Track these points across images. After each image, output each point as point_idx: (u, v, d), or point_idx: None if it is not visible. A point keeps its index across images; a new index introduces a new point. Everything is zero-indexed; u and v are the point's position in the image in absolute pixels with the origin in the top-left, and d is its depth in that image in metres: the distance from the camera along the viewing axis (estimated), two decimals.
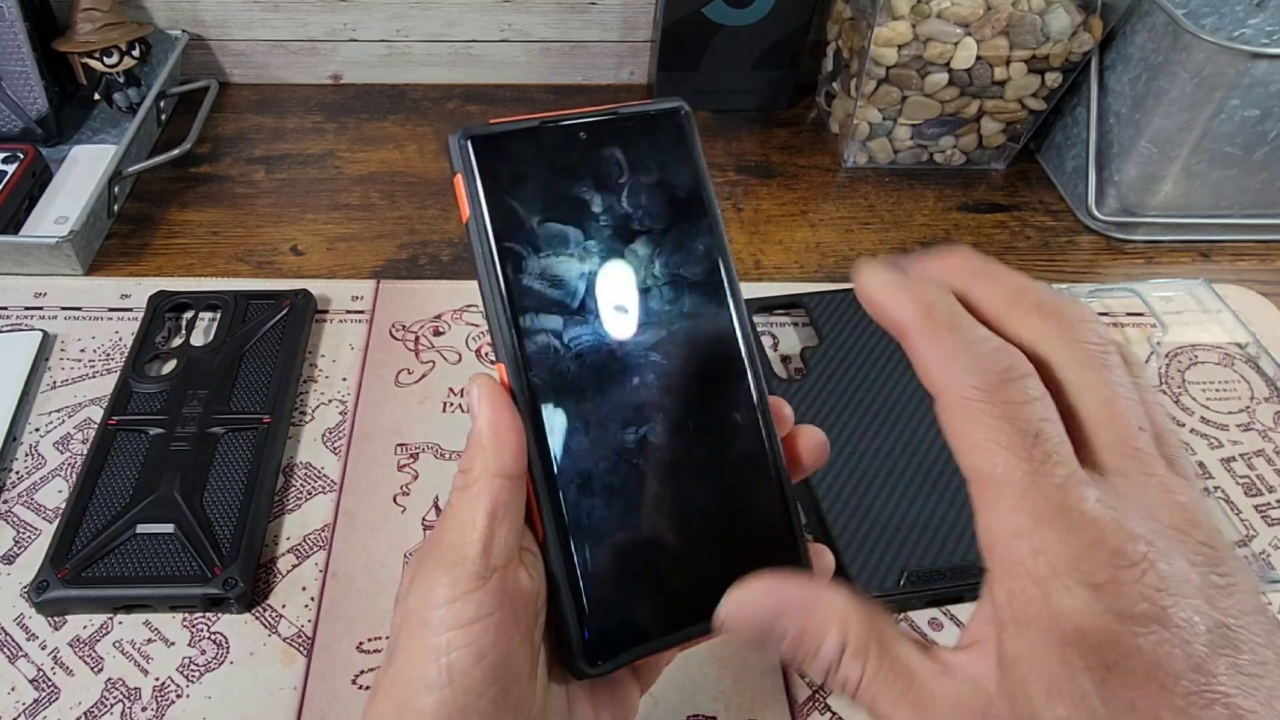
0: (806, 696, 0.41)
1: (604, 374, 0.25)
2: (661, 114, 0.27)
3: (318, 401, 0.53)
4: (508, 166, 0.25)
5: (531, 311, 0.25)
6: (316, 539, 0.46)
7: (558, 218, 0.25)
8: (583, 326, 0.25)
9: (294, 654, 0.42)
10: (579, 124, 0.26)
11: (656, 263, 0.26)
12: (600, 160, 0.26)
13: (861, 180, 0.71)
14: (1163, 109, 0.61)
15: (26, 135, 0.68)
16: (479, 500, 0.24)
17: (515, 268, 0.25)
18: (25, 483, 0.48)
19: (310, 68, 0.79)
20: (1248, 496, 0.50)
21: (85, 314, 0.57)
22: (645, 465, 0.26)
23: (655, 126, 0.27)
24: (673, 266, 0.26)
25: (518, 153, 0.25)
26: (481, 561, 0.23)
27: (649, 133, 0.27)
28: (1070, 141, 0.70)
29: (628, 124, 0.26)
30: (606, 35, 0.78)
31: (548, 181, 0.25)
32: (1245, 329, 0.59)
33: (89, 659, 0.41)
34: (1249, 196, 0.65)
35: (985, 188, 0.72)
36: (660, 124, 0.27)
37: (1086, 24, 0.63)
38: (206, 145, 0.72)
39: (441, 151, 0.73)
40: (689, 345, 0.26)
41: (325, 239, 0.64)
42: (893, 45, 0.63)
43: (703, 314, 0.27)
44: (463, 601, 0.23)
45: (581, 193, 0.26)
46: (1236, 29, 0.67)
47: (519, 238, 0.25)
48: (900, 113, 0.68)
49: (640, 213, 0.26)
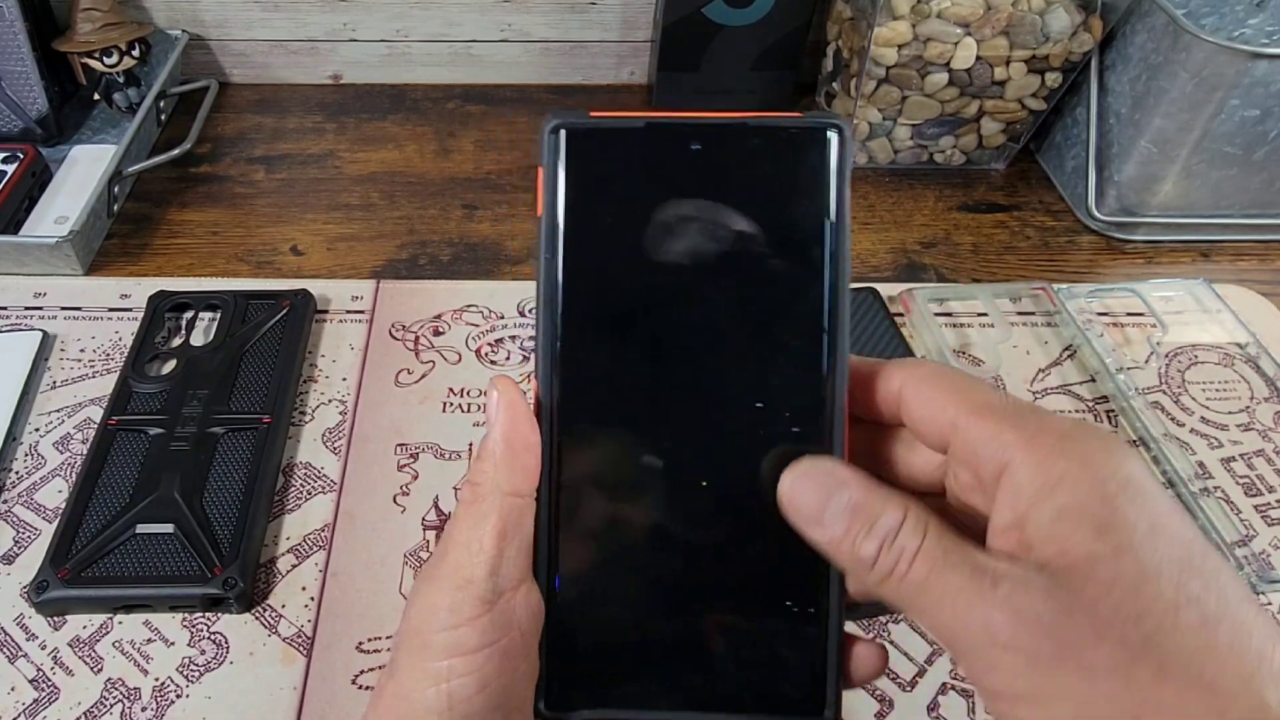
0: None
1: (646, 420, 0.22)
2: (802, 132, 0.22)
3: (318, 401, 0.53)
4: (597, 168, 0.22)
5: (583, 330, 0.22)
6: (316, 539, 0.46)
7: (641, 235, 0.22)
8: (638, 362, 0.22)
9: (294, 654, 0.42)
10: (693, 128, 0.22)
11: (746, 313, 0.22)
12: (707, 176, 0.22)
13: (861, 180, 0.71)
14: (1163, 109, 0.61)
15: (26, 135, 0.68)
16: (487, 519, 0.22)
17: (577, 280, 0.22)
18: (25, 483, 0.48)
19: (310, 68, 0.79)
20: (1248, 496, 0.50)
21: (85, 314, 0.57)
22: (658, 536, 0.23)
23: (790, 146, 0.22)
24: (764, 323, 0.22)
25: (613, 154, 0.22)
26: (488, 584, 0.22)
27: (780, 152, 0.22)
28: (1070, 141, 0.70)
29: (755, 137, 0.22)
30: (606, 35, 0.78)
31: (639, 192, 0.22)
32: (1245, 329, 0.59)
33: (89, 659, 0.41)
34: (1249, 196, 0.65)
35: (985, 188, 0.72)
36: (797, 144, 0.22)
37: (1086, 24, 0.63)
38: (206, 145, 0.72)
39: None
40: (755, 424, 0.22)
41: (325, 239, 0.64)
42: (893, 45, 0.63)
43: (787, 391, 0.22)
44: (467, 628, 0.22)
45: (675, 211, 0.22)
46: (1236, 29, 0.67)
47: (590, 249, 0.22)
48: (900, 113, 0.68)
49: (740, 250, 0.22)
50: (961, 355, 0.57)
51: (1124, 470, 0.19)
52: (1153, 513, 0.19)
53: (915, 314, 0.58)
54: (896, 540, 0.20)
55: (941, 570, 0.20)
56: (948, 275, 0.64)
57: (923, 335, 0.57)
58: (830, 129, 0.22)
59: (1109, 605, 0.18)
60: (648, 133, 0.22)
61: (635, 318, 0.22)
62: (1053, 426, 0.20)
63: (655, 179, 0.22)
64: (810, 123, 0.22)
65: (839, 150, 0.22)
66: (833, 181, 0.22)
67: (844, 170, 0.22)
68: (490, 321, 0.58)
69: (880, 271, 0.64)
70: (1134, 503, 0.19)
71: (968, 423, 0.21)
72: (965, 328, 0.59)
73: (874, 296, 0.58)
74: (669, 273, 0.22)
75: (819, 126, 0.22)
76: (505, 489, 0.23)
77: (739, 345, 0.22)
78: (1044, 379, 0.56)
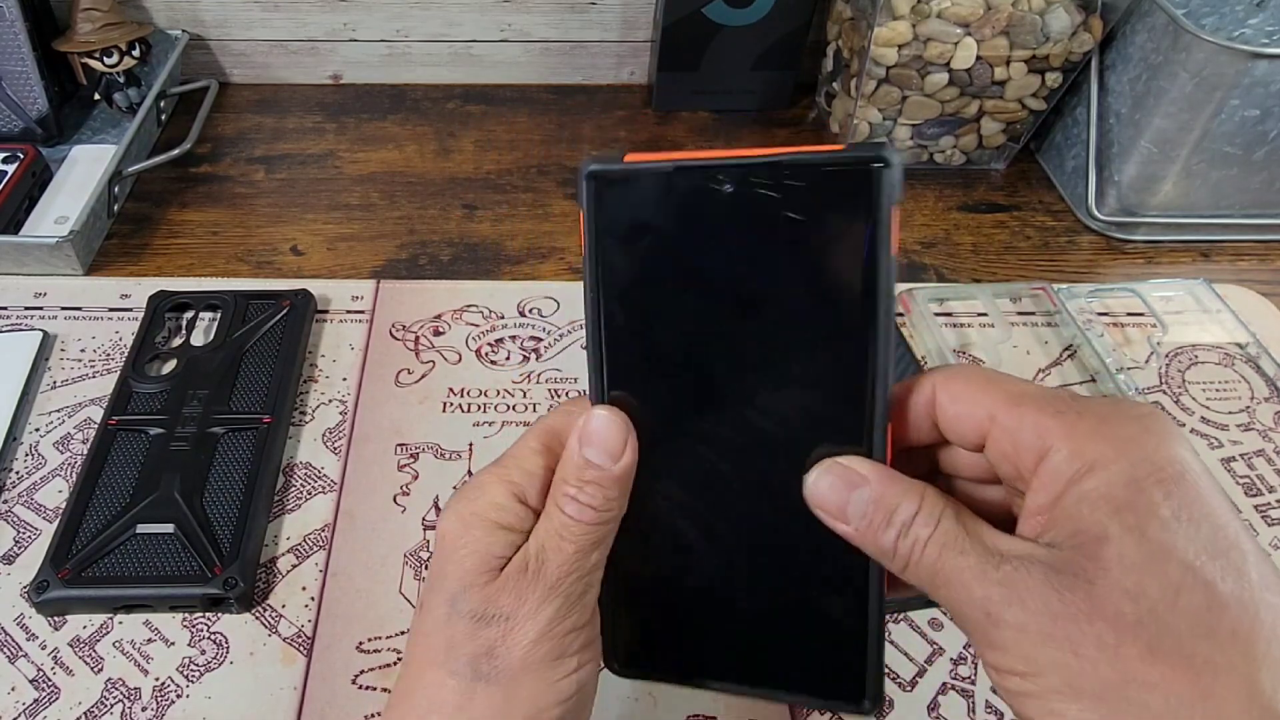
0: None
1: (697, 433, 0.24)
2: (843, 170, 0.20)
3: (318, 401, 0.53)
4: (631, 212, 0.22)
5: (628, 360, 0.24)
6: (316, 539, 0.46)
7: (678, 277, 0.22)
8: (683, 393, 0.23)
9: (294, 654, 0.42)
10: (724, 169, 0.21)
11: (786, 348, 0.22)
12: (742, 218, 0.21)
13: None
14: (1163, 109, 0.61)
15: (27, 135, 0.68)
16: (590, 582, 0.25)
17: (618, 316, 0.23)
18: (25, 483, 0.48)
19: (310, 68, 0.79)
20: (1248, 497, 0.50)
21: (85, 314, 0.57)
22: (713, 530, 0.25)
23: (831, 184, 0.20)
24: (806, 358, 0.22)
25: (646, 198, 0.22)
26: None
27: (820, 191, 0.20)
28: (1070, 141, 0.70)
29: (791, 176, 0.20)
30: (606, 35, 0.78)
31: (673, 235, 0.22)
32: (1245, 329, 0.59)
33: (89, 659, 0.41)
34: (1249, 196, 0.65)
35: (985, 188, 0.72)
36: (839, 182, 0.20)
37: (1086, 24, 0.63)
38: (206, 145, 0.72)
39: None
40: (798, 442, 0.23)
41: (325, 239, 0.64)
42: (893, 45, 0.63)
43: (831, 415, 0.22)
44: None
45: (711, 254, 0.22)
46: (1236, 29, 0.67)
47: (629, 290, 0.23)
48: (900, 113, 0.68)
49: (779, 289, 0.21)
50: (961, 355, 0.57)
51: (1161, 453, 0.19)
52: (1183, 496, 0.18)
53: (915, 314, 0.58)
54: (911, 529, 0.21)
55: (952, 554, 0.21)
56: (948, 275, 0.64)
57: (923, 335, 0.57)
58: (875, 163, 0.19)
59: (1107, 583, 0.18)
60: (678, 176, 0.21)
61: (676, 352, 0.23)
62: (1092, 411, 0.20)
63: (688, 222, 0.22)
64: (851, 157, 0.20)
65: (885, 185, 0.20)
66: (881, 218, 0.20)
67: (890, 204, 0.20)
68: (490, 321, 0.58)
69: None
70: (1163, 486, 0.19)
71: (1006, 413, 0.21)
72: (965, 328, 0.59)
73: None
74: (707, 313, 0.22)
75: (861, 162, 0.19)
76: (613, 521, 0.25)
77: (781, 378, 0.22)
78: (1044, 379, 0.56)
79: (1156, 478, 0.19)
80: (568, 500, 0.25)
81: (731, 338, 0.22)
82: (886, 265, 0.20)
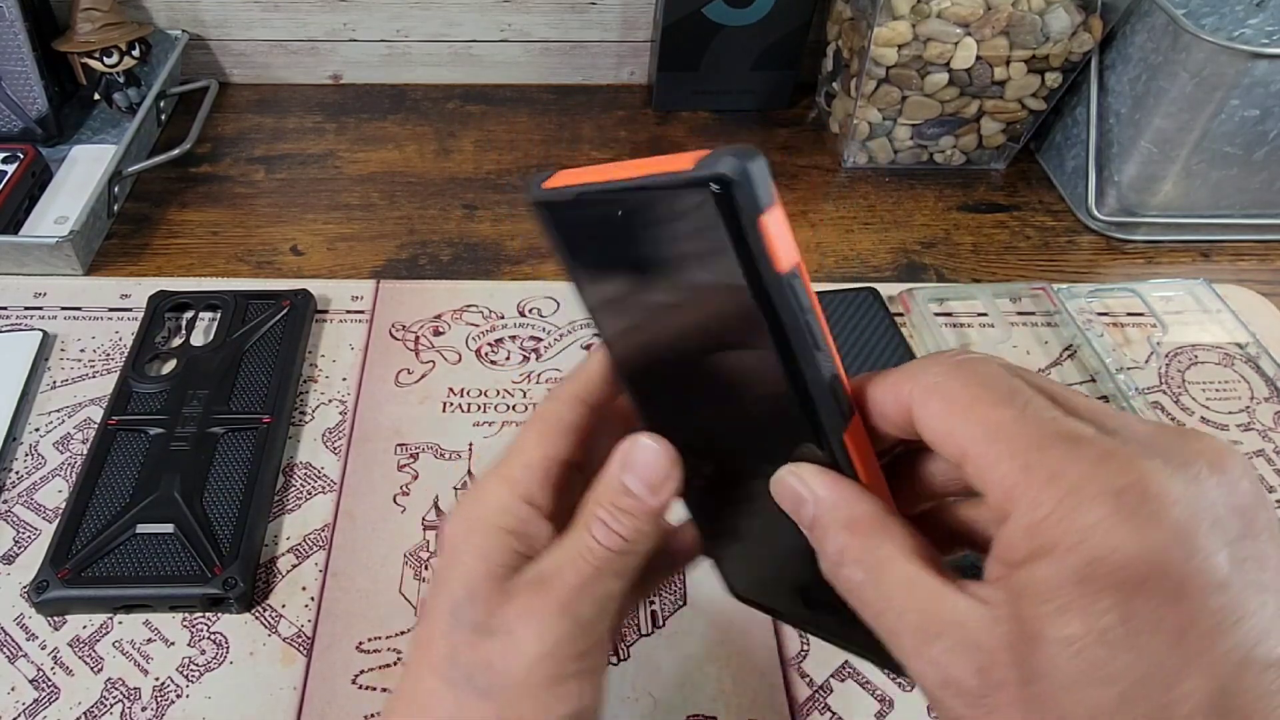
0: (806, 696, 0.41)
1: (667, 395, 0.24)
2: (683, 188, 0.18)
3: (318, 401, 0.53)
4: (564, 231, 0.23)
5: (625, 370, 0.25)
6: (316, 539, 0.46)
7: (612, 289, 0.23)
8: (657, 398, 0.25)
9: (294, 654, 0.42)
10: (597, 194, 0.21)
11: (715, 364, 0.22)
12: (633, 241, 0.21)
13: (861, 180, 0.71)
14: (1163, 109, 0.61)
15: (26, 135, 0.68)
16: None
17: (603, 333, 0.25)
18: (25, 483, 0.48)
19: (310, 68, 0.79)
20: None
21: (85, 314, 0.57)
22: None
23: (679, 206, 0.19)
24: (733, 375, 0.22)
25: (568, 219, 0.23)
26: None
27: (672, 214, 0.19)
28: (1070, 141, 0.70)
29: (639, 198, 0.20)
30: (607, 35, 0.78)
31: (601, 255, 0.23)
32: (1245, 329, 0.59)
33: (89, 659, 0.41)
34: (1249, 196, 0.65)
35: (985, 188, 0.72)
36: (684, 202, 0.19)
37: (1086, 24, 0.63)
38: (206, 145, 0.72)
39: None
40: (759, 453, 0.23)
41: (325, 239, 0.64)
42: (893, 45, 0.63)
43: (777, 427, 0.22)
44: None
45: (631, 276, 0.22)
46: (1236, 29, 0.67)
47: (595, 306, 0.24)
48: (900, 112, 0.68)
49: (682, 310, 0.21)
50: None
51: (1136, 544, 0.16)
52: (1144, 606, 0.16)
53: (915, 314, 0.58)
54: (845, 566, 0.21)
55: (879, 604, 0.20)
56: (948, 275, 0.64)
57: (923, 335, 0.57)
58: (713, 184, 0.17)
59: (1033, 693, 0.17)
60: (579, 203, 0.21)
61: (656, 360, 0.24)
62: (1064, 476, 0.17)
63: (603, 242, 0.22)
64: (686, 179, 0.18)
65: (737, 201, 0.18)
66: (743, 234, 0.18)
67: (751, 217, 0.18)
68: (490, 321, 0.58)
69: (880, 271, 0.64)
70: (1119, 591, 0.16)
71: (977, 453, 0.19)
72: (965, 328, 0.59)
73: (874, 296, 0.58)
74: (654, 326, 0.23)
75: (698, 183, 0.18)
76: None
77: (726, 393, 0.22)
78: None
79: (1114, 579, 0.16)
80: (598, 523, 0.24)
81: (682, 350, 0.22)
82: (773, 278, 0.18)
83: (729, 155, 0.17)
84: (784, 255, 0.18)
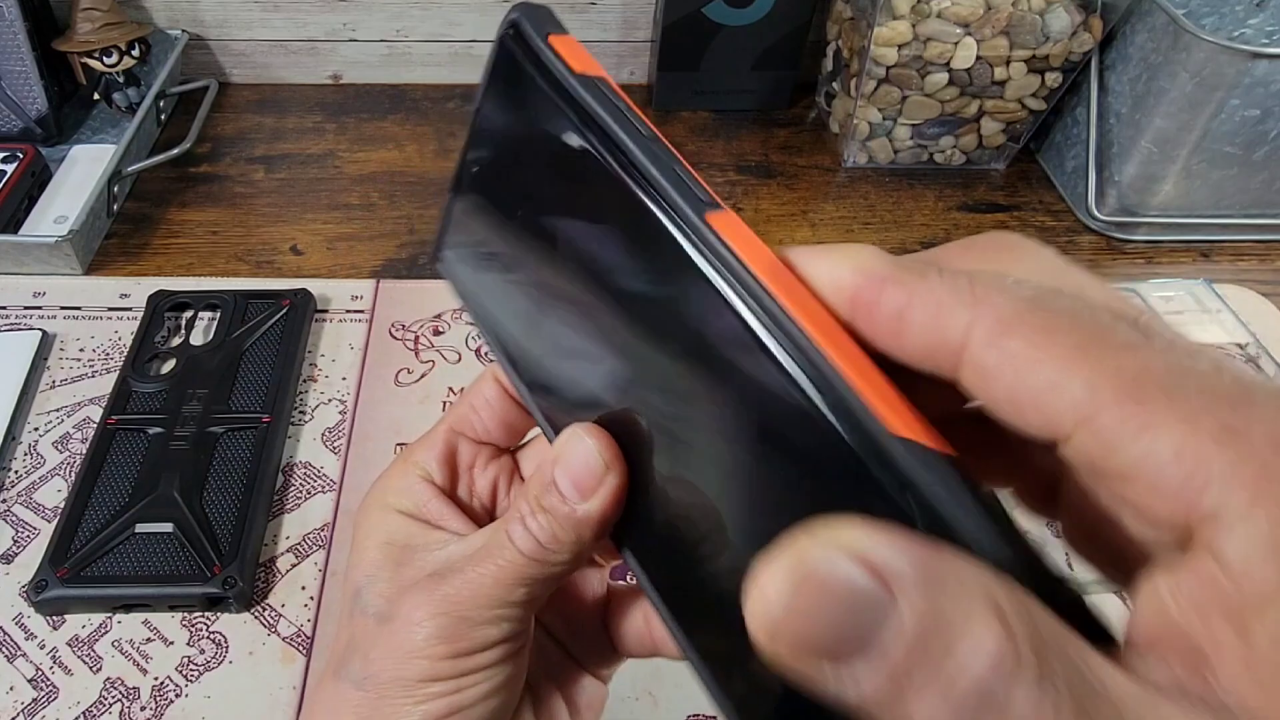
0: None
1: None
2: (496, 47, 0.20)
3: (317, 401, 0.53)
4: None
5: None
6: (316, 538, 0.46)
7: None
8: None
9: (293, 653, 0.42)
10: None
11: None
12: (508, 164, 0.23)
13: (862, 180, 0.71)
14: (1163, 109, 0.61)
15: (26, 135, 0.68)
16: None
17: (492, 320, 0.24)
18: (24, 482, 0.48)
19: (310, 67, 0.79)
20: None
21: (84, 313, 0.57)
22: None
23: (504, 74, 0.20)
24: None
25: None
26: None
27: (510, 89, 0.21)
28: (1070, 141, 0.70)
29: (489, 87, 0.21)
30: (607, 35, 0.78)
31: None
32: (1245, 329, 0.59)
33: (88, 658, 0.41)
34: (1249, 196, 0.65)
35: (985, 188, 0.72)
36: (504, 71, 0.20)
37: (1086, 24, 0.63)
38: (206, 145, 0.72)
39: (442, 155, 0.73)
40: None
41: (325, 238, 0.64)
42: (893, 45, 0.63)
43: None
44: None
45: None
46: (1236, 29, 0.67)
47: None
48: (900, 112, 0.68)
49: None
50: None
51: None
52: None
53: None
54: (1003, 694, 0.11)
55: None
56: None
57: None
58: (506, 28, 0.20)
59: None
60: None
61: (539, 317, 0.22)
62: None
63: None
64: (497, 38, 0.20)
65: (523, 36, 0.19)
66: (540, 56, 0.19)
67: (541, 41, 0.19)
68: None
69: None
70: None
71: (1116, 417, 0.12)
72: None
73: None
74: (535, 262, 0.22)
75: (500, 39, 0.20)
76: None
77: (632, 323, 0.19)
78: None
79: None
80: (516, 520, 0.20)
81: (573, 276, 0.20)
82: (579, 82, 0.18)
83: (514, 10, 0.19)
84: (582, 63, 0.18)
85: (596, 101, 0.17)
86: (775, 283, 0.15)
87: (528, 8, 0.19)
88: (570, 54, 0.18)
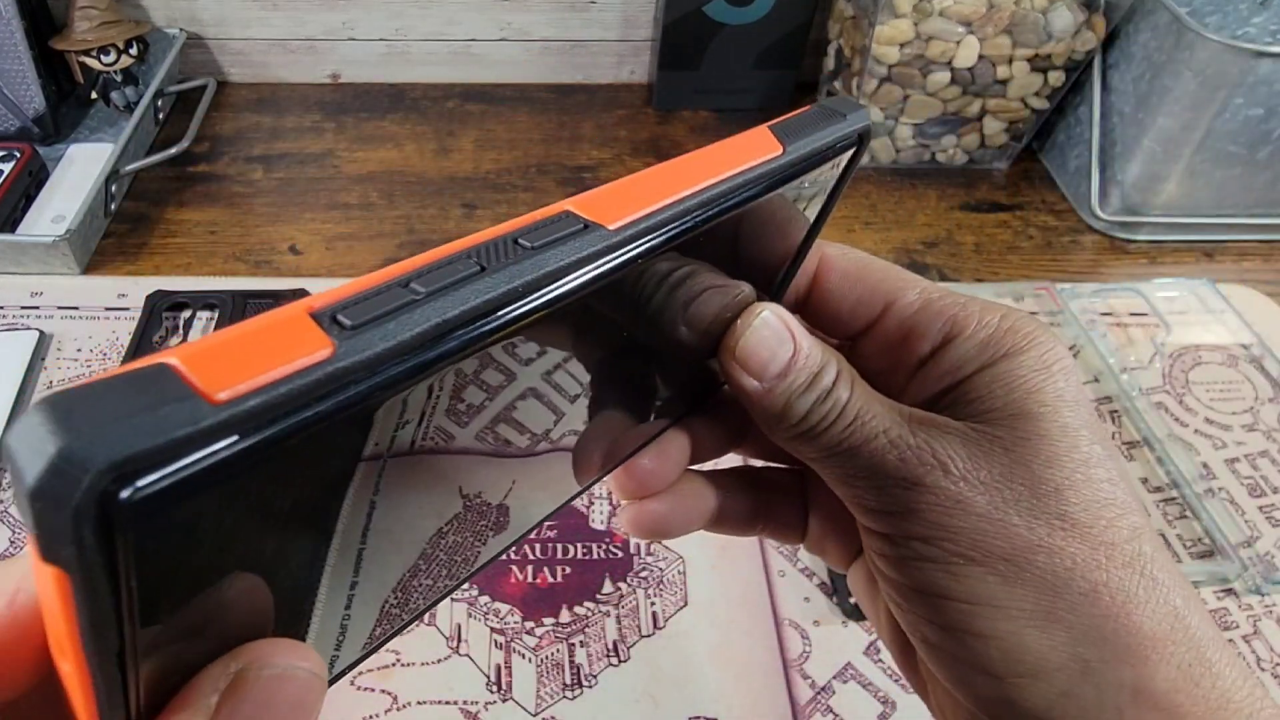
0: (808, 698, 0.41)
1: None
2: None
3: None
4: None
5: None
6: None
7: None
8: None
9: None
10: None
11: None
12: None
13: (863, 179, 0.71)
14: (1166, 108, 0.60)
15: (23, 134, 0.68)
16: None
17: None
18: None
19: (309, 67, 0.79)
20: (1252, 497, 0.50)
21: (82, 313, 0.57)
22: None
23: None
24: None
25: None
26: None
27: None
28: (1073, 141, 0.70)
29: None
30: (607, 34, 0.78)
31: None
32: (1249, 329, 0.58)
33: None
34: (1253, 196, 0.65)
35: (988, 187, 0.71)
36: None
37: (1089, 22, 0.63)
38: (204, 144, 0.72)
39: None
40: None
41: (324, 238, 0.64)
42: (895, 44, 0.63)
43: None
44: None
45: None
46: (1240, 28, 0.67)
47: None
48: (902, 111, 0.68)
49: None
50: None
51: (1058, 350, 0.20)
52: (1077, 387, 0.20)
53: None
54: (833, 392, 0.20)
55: (868, 419, 0.20)
56: (950, 275, 0.63)
57: None
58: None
59: (1026, 451, 0.19)
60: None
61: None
62: (995, 307, 0.21)
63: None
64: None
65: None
66: None
67: None
68: None
69: None
70: (1065, 375, 0.20)
71: (909, 300, 0.22)
72: None
73: None
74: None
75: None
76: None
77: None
78: None
79: (1059, 367, 0.20)
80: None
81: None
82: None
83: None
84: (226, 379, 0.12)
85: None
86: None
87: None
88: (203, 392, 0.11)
